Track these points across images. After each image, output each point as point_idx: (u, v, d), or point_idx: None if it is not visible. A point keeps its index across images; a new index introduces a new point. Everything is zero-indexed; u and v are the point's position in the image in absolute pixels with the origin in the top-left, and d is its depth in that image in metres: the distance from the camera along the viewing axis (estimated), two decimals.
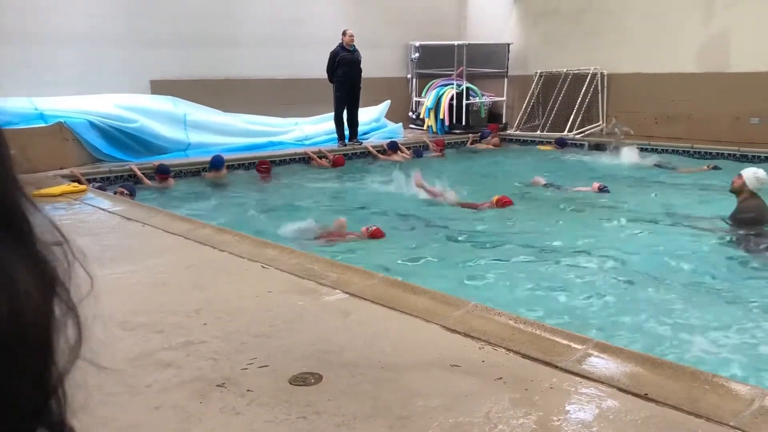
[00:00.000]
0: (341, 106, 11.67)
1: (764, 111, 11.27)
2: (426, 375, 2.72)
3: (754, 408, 2.41)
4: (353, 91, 11.62)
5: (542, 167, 10.81)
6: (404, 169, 10.75)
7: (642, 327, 4.17)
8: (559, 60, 13.77)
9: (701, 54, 11.98)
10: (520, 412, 2.39)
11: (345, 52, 11.49)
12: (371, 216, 7.43)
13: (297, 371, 2.72)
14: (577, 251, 5.85)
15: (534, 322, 3.34)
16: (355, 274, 4.09)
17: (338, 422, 2.33)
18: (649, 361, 2.84)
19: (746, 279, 5.12)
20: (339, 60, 11.44)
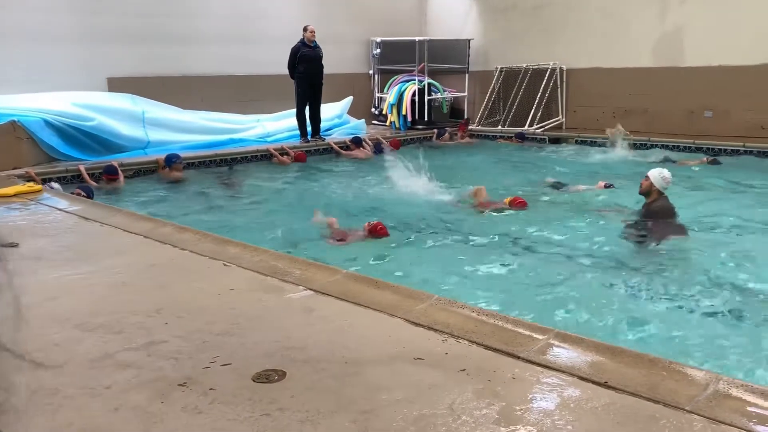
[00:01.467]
0: (303, 102, 11.62)
1: (717, 104, 11.57)
2: (390, 369, 2.73)
3: (709, 392, 2.47)
4: (315, 88, 11.57)
5: (514, 163, 10.95)
6: (375, 166, 10.82)
7: (605, 316, 4.25)
8: (518, 55, 13.92)
9: (657, 49, 12.23)
10: (483, 403, 2.41)
11: (306, 48, 11.44)
12: (351, 213, 7.36)
13: (260, 368, 2.70)
14: (584, 253, 5.70)
15: (496, 313, 3.37)
16: (319, 270, 4.08)
17: (302, 418, 2.32)
18: (609, 350, 2.89)
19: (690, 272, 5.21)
20: (300, 56, 11.39)
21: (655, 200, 6.26)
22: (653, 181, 6.22)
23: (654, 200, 6.27)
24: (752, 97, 11.18)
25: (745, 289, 4.80)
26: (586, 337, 3.03)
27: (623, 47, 12.55)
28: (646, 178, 6.28)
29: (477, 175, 9.47)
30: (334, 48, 13.73)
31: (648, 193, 6.29)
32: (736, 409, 2.35)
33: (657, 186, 6.22)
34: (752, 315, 4.32)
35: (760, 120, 11.15)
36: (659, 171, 6.27)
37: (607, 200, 7.67)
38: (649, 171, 6.38)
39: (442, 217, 7.18)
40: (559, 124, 13.53)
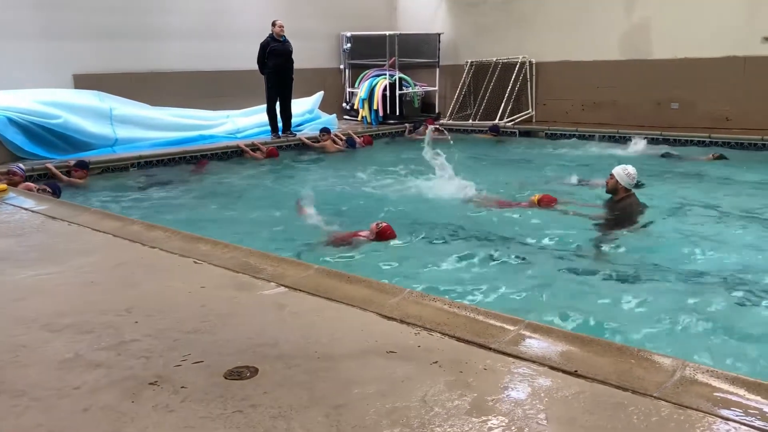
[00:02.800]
0: (273, 97, 11.55)
1: (683, 96, 11.75)
2: (362, 363, 2.73)
3: (676, 378, 2.52)
4: (284, 82, 11.50)
5: (489, 157, 11.00)
6: (349, 160, 10.80)
7: (578, 308, 4.29)
8: (488, 49, 13.99)
9: (624, 42, 12.38)
10: (455, 394, 2.43)
11: (275, 42, 11.36)
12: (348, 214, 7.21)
13: (232, 365, 2.69)
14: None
15: (468, 305, 3.39)
16: (291, 266, 4.06)
17: (274, 414, 2.31)
18: (579, 339, 2.93)
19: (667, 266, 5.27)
20: (269, 51, 11.31)
21: (622, 198, 6.31)
22: (618, 179, 6.25)
23: (621, 198, 6.31)
24: (717, 89, 11.38)
25: (713, 277, 4.85)
26: (556, 328, 3.07)
27: (591, 40, 12.68)
28: (611, 177, 6.30)
29: (475, 170, 9.32)
30: (303, 43, 13.65)
31: (615, 190, 6.32)
32: (702, 394, 2.39)
33: (623, 183, 6.26)
34: (719, 302, 4.38)
35: (724, 111, 11.36)
36: (623, 168, 6.30)
37: (578, 196, 7.63)
38: (614, 169, 6.37)
39: (458, 216, 6.80)
40: (529, 117, 13.64)
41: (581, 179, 8.39)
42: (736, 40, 11.14)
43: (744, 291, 4.53)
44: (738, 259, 5.24)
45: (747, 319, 4.16)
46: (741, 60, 11.16)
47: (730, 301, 4.42)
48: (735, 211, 6.82)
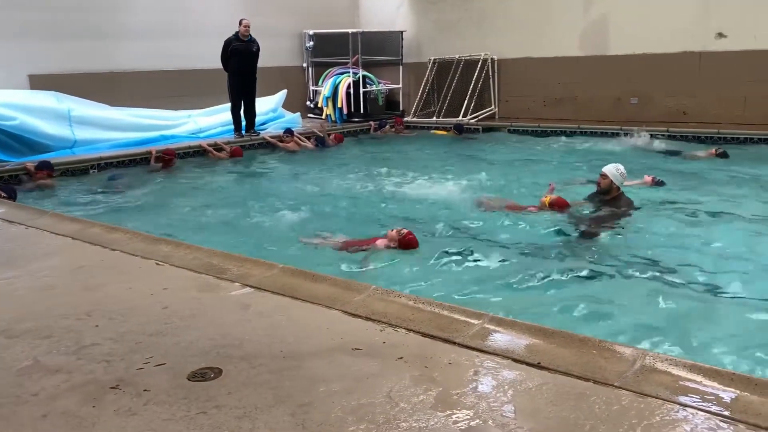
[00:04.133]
0: (236, 96, 11.43)
1: (642, 91, 11.97)
2: (328, 361, 2.73)
3: (636, 368, 2.57)
4: (247, 82, 11.39)
5: (454, 152, 11.05)
6: (310, 157, 10.76)
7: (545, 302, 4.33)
8: (451, 46, 14.06)
9: (583, 38, 12.55)
10: (420, 389, 2.44)
11: (238, 42, 11.23)
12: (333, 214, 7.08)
13: (195, 367, 2.66)
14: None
15: (433, 301, 3.41)
16: (255, 266, 4.03)
17: (239, 414, 2.30)
18: (542, 332, 2.96)
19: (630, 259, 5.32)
20: (231, 50, 11.19)
21: (615, 197, 6.36)
22: (613, 179, 6.28)
23: (614, 197, 6.36)
24: (674, 84, 11.62)
25: (690, 274, 4.85)
26: (519, 321, 3.10)
27: (551, 37, 12.84)
28: (605, 176, 6.30)
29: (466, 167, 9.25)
30: (266, 41, 13.48)
31: (608, 190, 6.33)
32: (661, 382, 2.44)
33: (617, 183, 6.31)
34: (689, 295, 4.44)
35: (681, 105, 11.60)
36: (616, 168, 6.33)
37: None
38: (605, 168, 6.36)
39: (469, 220, 6.48)
40: (492, 113, 13.75)
41: (590, 179, 7.83)
42: (692, 36, 11.38)
43: (714, 285, 4.58)
44: (711, 255, 5.25)
45: (716, 311, 4.21)
46: (697, 55, 11.41)
47: (703, 293, 4.47)
48: (706, 207, 6.82)
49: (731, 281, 4.61)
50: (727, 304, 4.30)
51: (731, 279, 4.65)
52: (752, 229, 5.99)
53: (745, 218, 6.31)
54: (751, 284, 4.54)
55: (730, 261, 5.09)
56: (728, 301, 4.33)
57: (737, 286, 4.52)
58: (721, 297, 4.41)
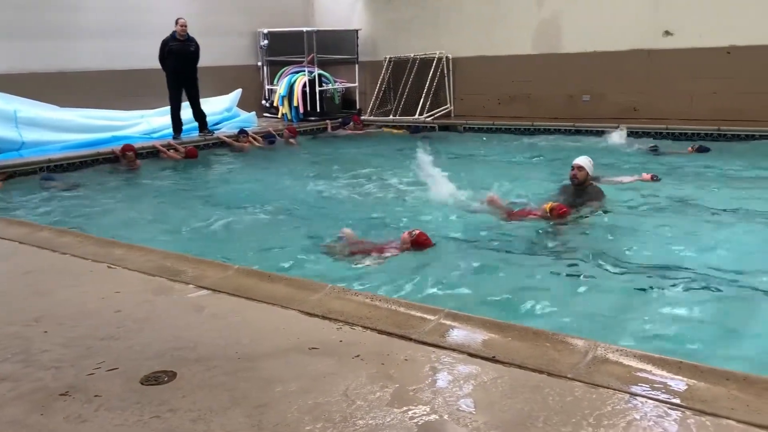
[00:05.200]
0: (175, 98, 11.13)
1: (593, 89, 12.19)
2: (284, 361, 2.71)
3: (589, 359, 2.62)
4: (186, 83, 11.09)
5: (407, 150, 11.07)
6: (264, 157, 10.66)
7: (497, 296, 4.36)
8: (406, 45, 14.10)
9: (536, 36, 12.73)
10: (377, 387, 2.45)
11: (175, 41, 10.95)
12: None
13: (149, 371, 2.62)
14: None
15: (390, 298, 3.43)
16: (210, 267, 3.99)
17: (194, 417, 2.27)
18: (497, 326, 3.00)
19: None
20: (168, 50, 10.93)
21: (589, 186, 6.56)
22: (588, 170, 6.48)
23: (589, 186, 6.56)
24: (624, 81, 11.86)
25: (648, 264, 4.92)
26: (475, 316, 3.12)
27: (505, 35, 12.98)
28: (581, 168, 6.44)
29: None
30: (219, 40, 13.38)
31: (584, 181, 6.51)
32: (612, 373, 2.50)
33: (591, 173, 6.54)
34: (641, 285, 4.52)
35: (632, 102, 11.85)
36: (588, 159, 6.51)
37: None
38: (580, 161, 6.47)
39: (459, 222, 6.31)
40: (447, 111, 13.84)
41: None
42: (641, 35, 11.64)
43: (670, 275, 4.66)
44: (673, 249, 5.31)
45: (669, 300, 4.29)
46: (646, 53, 11.67)
47: (658, 284, 4.55)
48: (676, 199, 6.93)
49: (687, 272, 4.67)
50: (681, 293, 4.38)
51: (688, 270, 4.70)
52: (716, 220, 6.09)
53: (709, 210, 6.43)
54: (705, 275, 4.60)
55: (692, 253, 5.14)
56: (681, 291, 4.40)
57: (690, 276, 4.60)
58: (674, 287, 4.48)
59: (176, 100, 11.16)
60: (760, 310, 4.08)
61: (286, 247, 5.64)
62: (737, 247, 5.26)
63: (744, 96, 10.72)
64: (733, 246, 5.28)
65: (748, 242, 5.41)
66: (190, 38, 11.08)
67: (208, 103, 12.81)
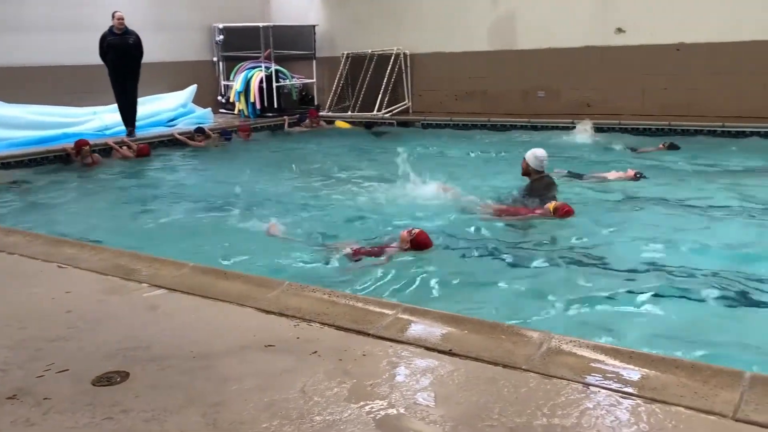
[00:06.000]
0: (118, 93, 10.86)
1: (548, 85, 12.35)
2: (240, 359, 2.69)
3: (543, 350, 2.66)
4: (126, 78, 10.77)
5: (356, 146, 11.06)
6: (220, 154, 10.53)
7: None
8: (364, 41, 14.07)
9: (492, 33, 12.83)
10: (334, 383, 2.44)
11: (113, 36, 10.64)
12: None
13: (101, 372, 2.56)
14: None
15: (347, 294, 3.42)
16: (164, 266, 3.93)
17: (147, 417, 2.23)
18: (454, 319, 3.02)
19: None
20: (107, 44, 10.66)
21: (535, 179, 6.55)
22: (528, 161, 6.47)
23: (534, 179, 6.55)
24: (578, 77, 12.05)
25: (595, 256, 4.96)
26: (432, 310, 3.14)
27: (461, 32, 13.05)
28: (523, 160, 6.54)
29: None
30: (173, 35, 13.17)
31: (528, 173, 6.55)
32: (566, 364, 2.54)
33: (533, 166, 6.48)
34: (594, 278, 4.58)
35: (585, 98, 12.05)
36: (532, 152, 6.54)
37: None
38: (526, 153, 6.57)
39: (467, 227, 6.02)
40: (406, 108, 13.86)
41: (571, 171, 7.84)
42: (594, 32, 11.83)
43: (624, 267, 4.74)
44: (625, 243, 5.37)
45: (622, 290, 4.35)
46: (599, 50, 11.87)
47: (610, 274, 4.62)
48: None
49: (642, 265, 4.72)
50: (635, 284, 4.44)
51: (643, 262, 4.77)
52: (685, 216, 6.10)
53: (680, 205, 6.47)
54: (661, 268, 4.68)
55: (649, 246, 5.15)
56: (635, 283, 4.47)
57: (645, 267, 4.67)
58: (628, 279, 4.55)
59: (119, 96, 10.84)
60: (723, 304, 4.11)
61: (236, 244, 5.58)
62: (704, 242, 5.25)
63: (692, 92, 10.99)
64: (700, 241, 5.27)
65: (716, 237, 5.40)
66: (129, 31, 10.74)
67: (162, 100, 12.62)
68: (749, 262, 4.70)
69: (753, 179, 7.40)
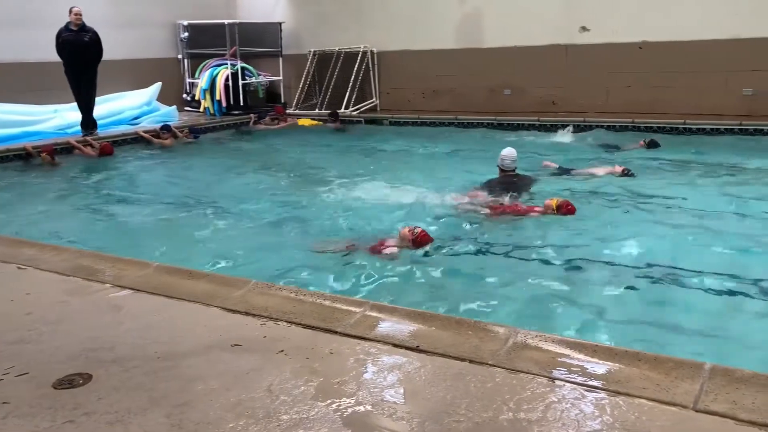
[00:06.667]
0: (75, 90, 10.61)
1: (514, 83, 12.45)
2: (206, 359, 2.66)
3: (509, 345, 2.68)
4: (83, 75, 10.52)
5: (320, 144, 11.02)
6: (185, 152, 10.41)
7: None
8: (331, 38, 14.02)
9: (459, 31, 12.89)
10: (301, 381, 2.43)
11: (68, 32, 10.41)
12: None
13: (62, 374, 2.51)
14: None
15: (315, 292, 3.40)
16: (128, 266, 3.87)
17: (111, 420, 2.19)
18: (421, 316, 3.03)
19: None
20: (63, 41, 10.42)
21: (502, 177, 6.81)
22: (498, 161, 6.84)
23: (501, 177, 6.82)
24: (543, 76, 12.17)
25: (572, 252, 4.98)
26: (399, 307, 3.15)
27: (428, 30, 13.09)
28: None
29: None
30: (137, 32, 12.97)
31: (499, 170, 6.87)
32: (531, 358, 2.56)
33: (498, 164, 6.82)
34: (558, 274, 4.64)
35: (551, 96, 12.18)
36: (507, 150, 6.83)
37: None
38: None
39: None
40: (373, 105, 13.86)
41: (561, 166, 7.89)
42: (558, 30, 11.96)
43: (587, 262, 4.78)
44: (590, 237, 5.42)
45: (587, 285, 4.40)
46: (563, 48, 12.00)
47: (575, 269, 4.67)
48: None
49: (627, 260, 4.76)
50: (598, 279, 4.51)
51: (630, 258, 4.81)
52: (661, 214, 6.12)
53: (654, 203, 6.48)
54: (622, 263, 4.75)
55: (633, 242, 5.18)
56: (599, 277, 4.54)
57: (630, 263, 4.70)
58: (591, 273, 4.62)
59: (77, 94, 10.60)
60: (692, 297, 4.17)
61: (204, 243, 5.54)
62: (677, 239, 5.29)
63: (655, 89, 11.18)
64: (673, 238, 5.31)
65: (685, 235, 5.41)
66: (86, 28, 10.49)
67: (126, 98, 12.42)
68: (728, 257, 4.80)
69: (727, 176, 7.52)
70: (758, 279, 4.32)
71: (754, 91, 10.42)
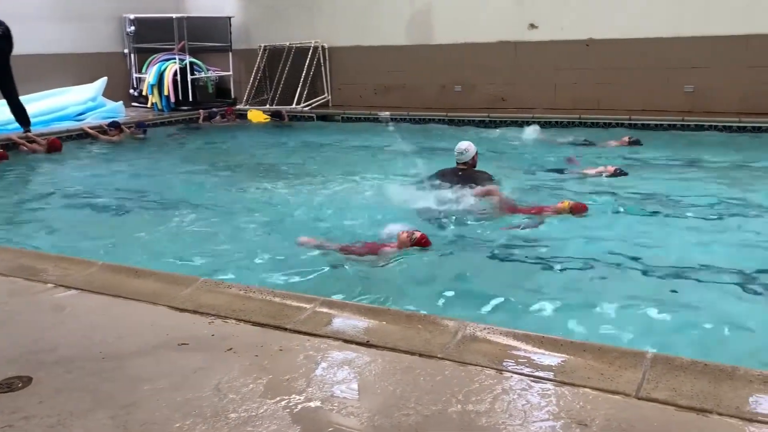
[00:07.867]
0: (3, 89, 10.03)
1: (464, 79, 12.56)
2: (152, 358, 2.61)
3: (458, 338, 2.71)
4: None
5: (271, 141, 10.93)
6: (135, 148, 10.19)
7: None
8: (281, 33, 13.90)
9: (409, 27, 12.93)
10: (249, 379, 2.41)
11: None
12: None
13: (0, 378, 2.43)
14: None
15: (264, 289, 3.38)
16: (72, 265, 3.77)
17: (52, 423, 2.14)
18: (372, 311, 3.04)
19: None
20: None
21: (449, 168, 6.89)
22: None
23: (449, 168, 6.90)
24: (493, 72, 12.31)
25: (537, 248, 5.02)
26: (350, 302, 3.16)
27: (379, 25, 13.09)
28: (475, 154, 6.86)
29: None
30: (81, 25, 12.63)
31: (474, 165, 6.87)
32: (480, 351, 2.60)
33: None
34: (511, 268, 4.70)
35: (500, 92, 12.33)
36: (464, 143, 6.86)
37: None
38: (467, 145, 6.80)
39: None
40: (325, 101, 13.80)
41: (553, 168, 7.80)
42: (508, 27, 12.11)
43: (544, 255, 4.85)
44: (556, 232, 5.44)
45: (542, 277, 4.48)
46: (512, 45, 12.16)
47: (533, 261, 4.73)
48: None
49: (613, 258, 4.75)
50: (555, 271, 4.58)
51: (564, 253, 4.87)
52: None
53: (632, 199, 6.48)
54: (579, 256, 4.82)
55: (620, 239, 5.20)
56: (556, 270, 4.61)
57: (615, 261, 4.70)
58: (549, 266, 4.68)
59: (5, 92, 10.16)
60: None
61: (154, 241, 5.43)
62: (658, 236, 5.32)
63: (600, 86, 11.42)
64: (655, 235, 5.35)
65: (666, 230, 5.48)
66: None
67: (70, 92, 12.08)
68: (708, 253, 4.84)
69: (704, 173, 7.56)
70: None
71: (694, 87, 10.75)
